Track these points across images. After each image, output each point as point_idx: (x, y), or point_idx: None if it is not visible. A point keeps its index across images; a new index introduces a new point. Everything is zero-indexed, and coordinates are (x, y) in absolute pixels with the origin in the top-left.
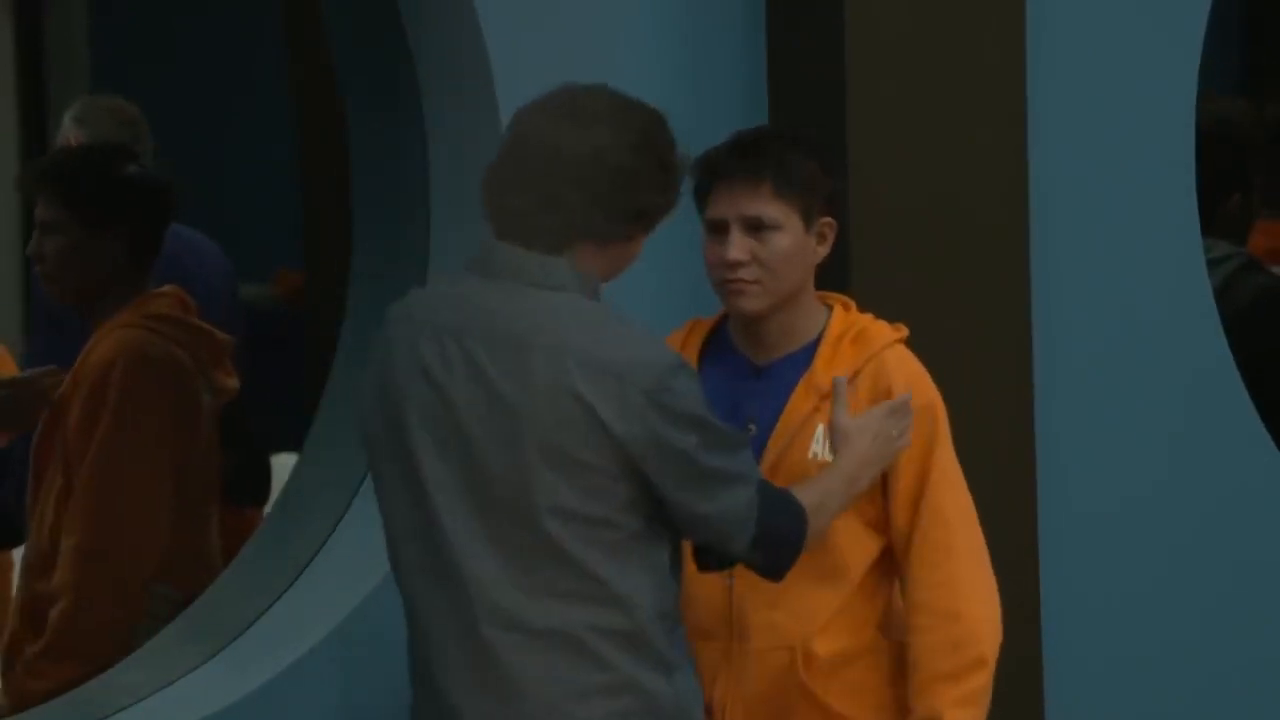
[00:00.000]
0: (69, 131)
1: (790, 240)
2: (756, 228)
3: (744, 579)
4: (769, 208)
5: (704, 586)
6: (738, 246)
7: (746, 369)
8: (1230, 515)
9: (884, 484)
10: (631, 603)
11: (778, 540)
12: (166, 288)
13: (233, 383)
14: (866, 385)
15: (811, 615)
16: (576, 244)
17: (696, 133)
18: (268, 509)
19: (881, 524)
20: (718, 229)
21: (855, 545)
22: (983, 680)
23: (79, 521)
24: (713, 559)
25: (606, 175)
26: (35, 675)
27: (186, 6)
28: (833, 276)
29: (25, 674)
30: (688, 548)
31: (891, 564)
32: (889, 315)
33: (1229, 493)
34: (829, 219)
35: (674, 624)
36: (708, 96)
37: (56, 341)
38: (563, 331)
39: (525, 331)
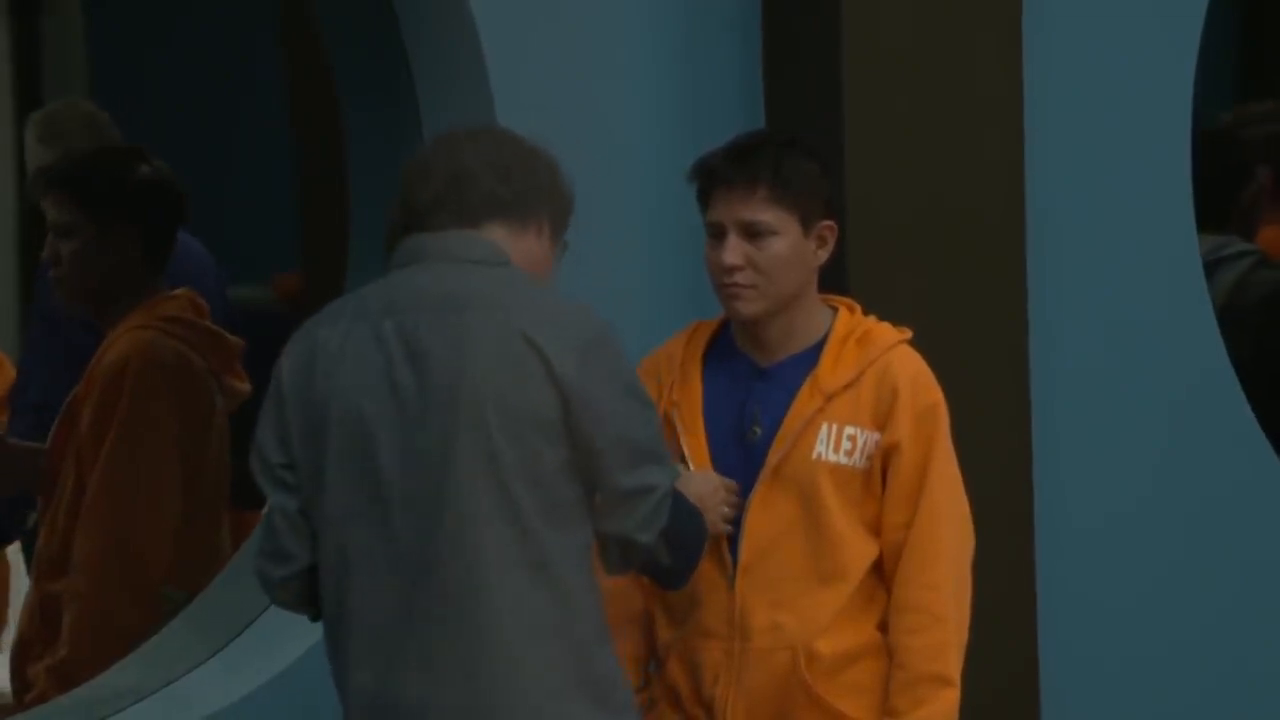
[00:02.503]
0: (36, 154)
1: (787, 245)
2: (753, 233)
3: (747, 579)
4: (765, 213)
5: (707, 586)
6: (733, 251)
7: (750, 371)
8: (1227, 520)
9: (883, 481)
10: (566, 569)
11: (687, 542)
12: (179, 290)
13: (244, 386)
14: (871, 386)
15: (814, 615)
16: (489, 220)
17: (692, 137)
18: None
19: (879, 525)
20: (716, 233)
21: (857, 546)
22: (952, 695)
23: (91, 523)
24: (616, 553)
25: (492, 156)
26: (59, 684)
27: (183, 8)
28: (830, 280)
29: (48, 683)
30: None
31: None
32: (886, 319)
33: (1226, 497)
34: (829, 223)
35: (600, 597)
36: (704, 101)
37: (51, 344)
38: (499, 293)
39: (459, 295)
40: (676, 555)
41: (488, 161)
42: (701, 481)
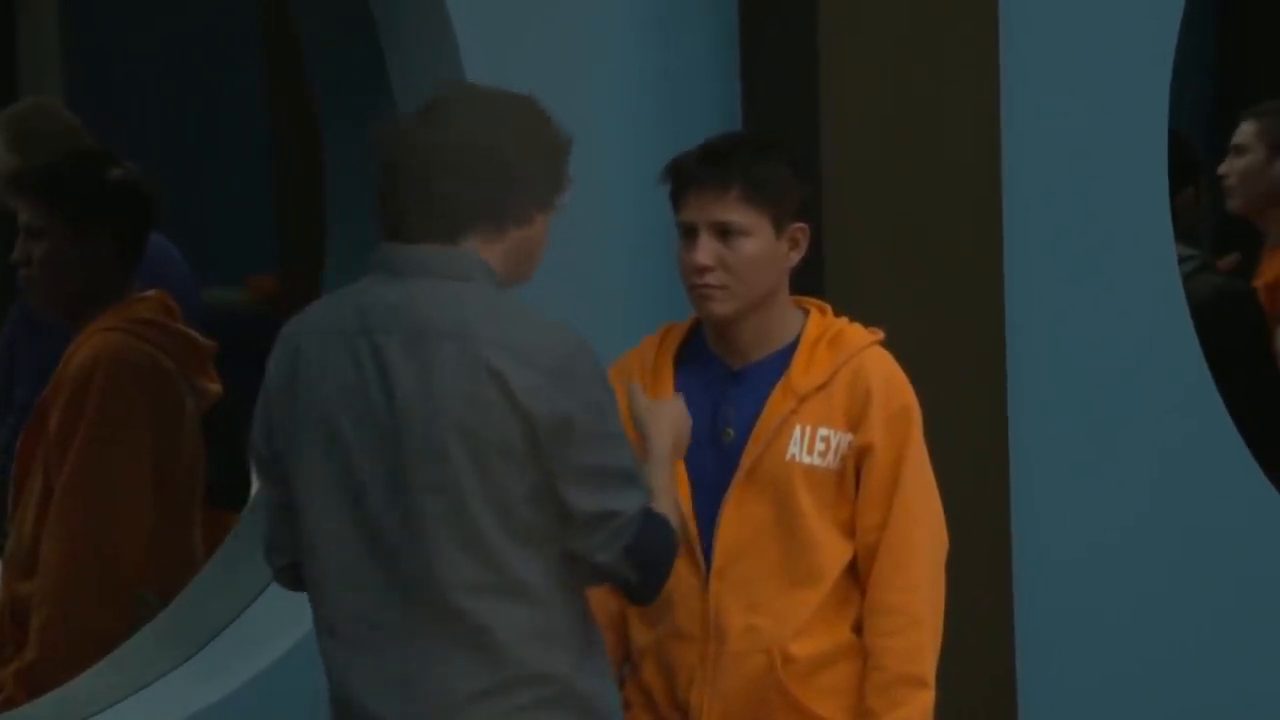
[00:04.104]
0: (4, 159)
1: (758, 246)
2: (724, 233)
3: (722, 582)
4: (736, 214)
5: (682, 589)
6: (705, 251)
7: (723, 373)
8: (1210, 535)
9: (856, 482)
10: (537, 592)
11: (653, 559)
12: (150, 292)
13: (215, 388)
14: (844, 387)
15: (789, 618)
16: (467, 234)
17: (669, 139)
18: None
19: (853, 526)
20: (688, 233)
21: (831, 548)
22: (927, 697)
23: (60, 526)
24: (581, 571)
25: (467, 160)
26: (27, 688)
27: (160, 9)
28: (808, 283)
29: (17, 686)
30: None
31: None
32: (863, 322)
33: (1209, 512)
34: (801, 224)
35: (582, 612)
36: (681, 103)
37: (36, 343)
38: (468, 316)
39: (431, 320)
40: (643, 572)
41: (460, 175)
42: (668, 415)
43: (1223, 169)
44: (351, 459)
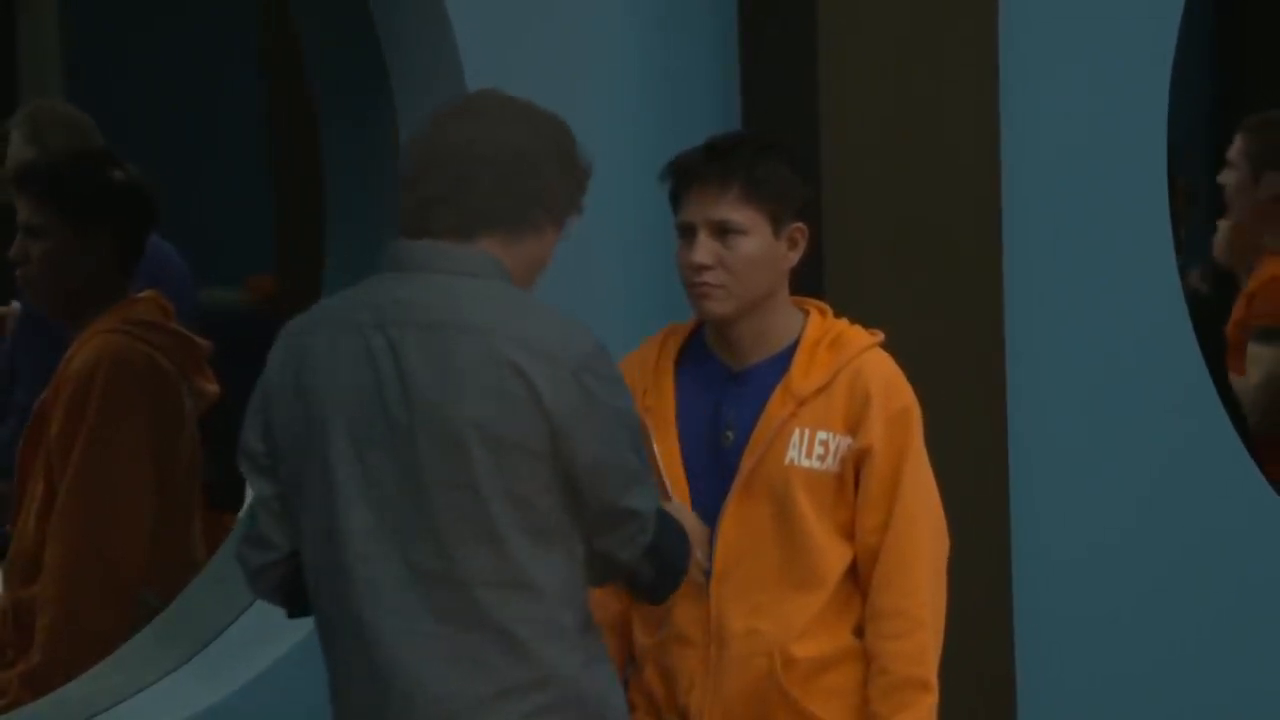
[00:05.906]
0: (21, 152)
1: (756, 245)
2: (723, 232)
3: (723, 586)
4: (735, 212)
5: (682, 593)
6: (703, 250)
7: (723, 374)
8: (1209, 536)
9: (856, 486)
10: (550, 590)
11: (669, 559)
12: (146, 292)
13: (213, 388)
14: (844, 390)
15: (790, 621)
16: (483, 233)
17: (668, 141)
18: (241, 513)
19: (853, 529)
20: (687, 232)
21: (831, 551)
22: (931, 700)
23: (62, 528)
24: (598, 568)
25: (502, 158)
26: (33, 691)
27: (161, 10)
28: (807, 283)
29: (22, 688)
30: None
31: None
32: (863, 323)
33: (1208, 512)
34: (800, 225)
35: (588, 615)
36: (680, 105)
37: (37, 343)
38: (486, 311)
39: (448, 314)
40: (660, 572)
41: (482, 172)
42: (689, 517)
43: (1221, 179)
44: (365, 454)
